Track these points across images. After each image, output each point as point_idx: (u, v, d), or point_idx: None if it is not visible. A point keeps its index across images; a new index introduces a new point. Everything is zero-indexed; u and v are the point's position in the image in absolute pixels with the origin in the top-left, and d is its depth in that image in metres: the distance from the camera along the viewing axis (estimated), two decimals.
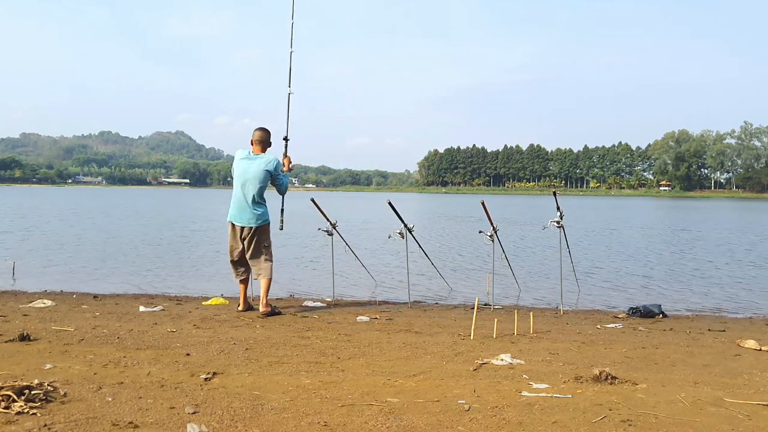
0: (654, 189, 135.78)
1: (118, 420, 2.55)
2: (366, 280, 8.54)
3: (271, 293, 7.33)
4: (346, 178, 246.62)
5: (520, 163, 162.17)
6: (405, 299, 6.97)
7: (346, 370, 3.57)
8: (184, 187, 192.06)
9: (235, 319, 5.28)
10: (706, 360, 4.20)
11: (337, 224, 6.67)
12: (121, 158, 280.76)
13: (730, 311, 7.23)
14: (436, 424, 2.65)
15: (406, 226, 6.82)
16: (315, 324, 5.17)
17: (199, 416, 2.65)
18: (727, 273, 10.67)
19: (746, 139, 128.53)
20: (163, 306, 5.92)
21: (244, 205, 5.42)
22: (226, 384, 3.16)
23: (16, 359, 3.52)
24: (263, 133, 5.54)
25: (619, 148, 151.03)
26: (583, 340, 4.80)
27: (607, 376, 3.42)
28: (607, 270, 10.75)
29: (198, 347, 4.04)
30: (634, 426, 2.68)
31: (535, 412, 2.83)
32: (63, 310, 5.58)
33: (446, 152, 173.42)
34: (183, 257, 11.54)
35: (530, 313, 5.63)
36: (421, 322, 5.48)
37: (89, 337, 4.24)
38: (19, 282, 8.00)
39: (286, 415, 2.69)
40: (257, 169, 5.39)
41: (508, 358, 3.92)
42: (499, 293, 7.72)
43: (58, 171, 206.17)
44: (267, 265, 5.47)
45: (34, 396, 2.70)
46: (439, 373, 3.53)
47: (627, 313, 6.47)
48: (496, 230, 6.96)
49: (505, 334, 4.88)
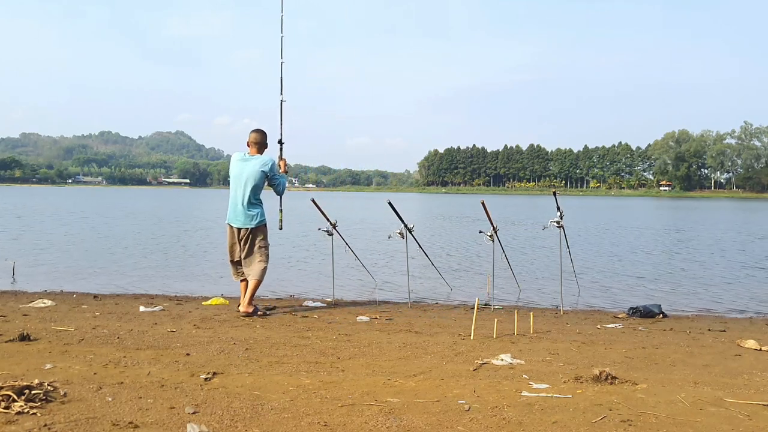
0: (654, 189, 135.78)
1: (118, 420, 2.55)
2: (366, 280, 8.54)
3: (271, 293, 7.32)
4: (346, 178, 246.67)
5: (520, 163, 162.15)
6: (405, 299, 6.97)
7: (346, 370, 3.57)
8: (184, 187, 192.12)
9: (235, 319, 5.28)
10: (706, 360, 4.20)
11: (337, 224, 6.67)
12: (121, 158, 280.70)
13: (730, 311, 7.23)
14: (436, 424, 2.65)
15: (406, 226, 6.82)
16: (315, 324, 5.16)
17: (199, 416, 2.65)
18: (727, 273, 10.66)
19: (746, 139, 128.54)
20: (163, 306, 5.92)
21: (240, 206, 5.42)
22: (226, 384, 3.16)
23: (16, 359, 3.52)
24: (258, 134, 5.55)
25: (619, 148, 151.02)
26: (583, 340, 4.80)
27: (607, 376, 3.42)
28: (607, 270, 10.75)
29: (198, 347, 4.04)
30: (634, 426, 2.68)
31: (535, 412, 2.83)
32: (63, 310, 5.57)
33: (446, 152, 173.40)
34: (183, 257, 11.54)
35: (530, 313, 5.63)
36: (421, 322, 5.48)
37: (89, 337, 4.24)
38: (19, 282, 8.00)
39: (286, 415, 2.69)
40: (253, 169, 5.40)
41: (508, 358, 3.92)
42: (499, 293, 7.72)
43: (58, 171, 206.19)
44: (259, 267, 5.44)
45: (34, 396, 2.70)
46: (439, 373, 3.53)
47: (627, 313, 6.47)
48: (496, 230, 6.96)
49: (505, 334, 4.88)
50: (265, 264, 5.51)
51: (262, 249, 5.49)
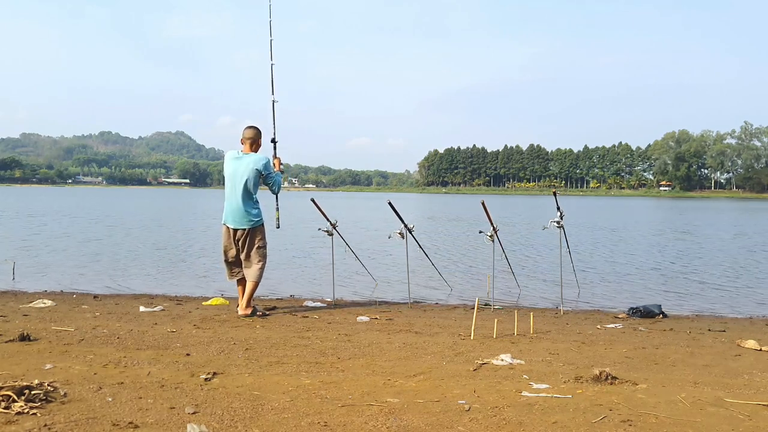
0: (654, 189, 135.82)
1: (118, 420, 2.54)
2: (366, 280, 8.53)
3: (271, 293, 7.32)
4: (347, 178, 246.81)
5: (520, 164, 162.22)
6: (405, 299, 6.97)
7: (346, 370, 3.57)
8: (184, 188, 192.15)
9: (235, 319, 5.27)
10: (706, 360, 4.20)
11: (337, 224, 6.67)
12: (121, 158, 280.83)
13: (730, 311, 7.23)
14: (436, 424, 2.65)
15: (406, 226, 6.82)
16: (315, 324, 5.16)
17: (199, 416, 2.65)
18: (727, 273, 10.66)
19: (746, 139, 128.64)
20: (163, 306, 5.92)
21: (236, 206, 5.38)
22: (226, 384, 3.15)
23: (16, 359, 3.52)
24: (252, 130, 5.47)
25: (619, 148, 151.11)
26: (583, 341, 4.79)
27: (607, 376, 3.42)
28: (607, 270, 10.75)
29: (198, 347, 4.03)
30: (634, 426, 2.68)
31: (535, 413, 2.83)
32: (63, 310, 5.57)
33: (446, 152, 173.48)
34: (183, 257, 11.54)
35: (530, 313, 5.62)
36: (421, 322, 5.48)
37: (89, 337, 4.24)
38: (19, 282, 8.00)
39: (286, 415, 2.69)
40: (246, 168, 5.35)
41: (508, 358, 3.92)
42: (499, 293, 7.72)
43: (58, 171, 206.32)
44: (257, 268, 5.43)
45: (34, 396, 2.70)
46: (439, 374, 3.53)
47: (627, 314, 6.47)
48: (496, 230, 6.96)
49: (505, 335, 4.88)
50: (264, 265, 5.50)
51: (260, 249, 5.46)
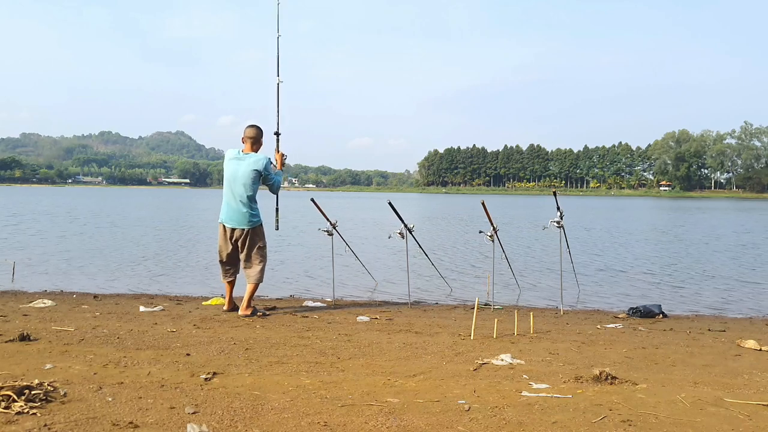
0: (654, 189, 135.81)
1: (118, 420, 2.54)
2: (366, 280, 8.53)
3: (271, 293, 7.32)
4: (347, 178, 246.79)
5: (520, 163, 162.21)
6: (405, 299, 6.97)
7: (346, 370, 3.57)
8: (184, 187, 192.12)
9: (235, 319, 5.27)
10: (706, 360, 4.20)
11: (337, 224, 6.67)
12: (121, 158, 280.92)
13: (730, 311, 7.23)
14: (436, 424, 2.65)
15: (406, 226, 6.82)
16: (315, 324, 5.16)
17: (199, 416, 2.65)
18: (727, 273, 10.66)
19: (746, 139, 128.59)
20: (163, 306, 5.92)
21: (234, 206, 5.37)
22: (226, 384, 3.15)
23: (16, 359, 3.52)
24: (253, 129, 5.46)
25: (619, 148, 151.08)
26: (583, 340, 4.79)
27: (607, 376, 3.42)
28: (607, 270, 10.75)
29: (198, 347, 4.03)
30: (634, 426, 2.68)
31: (535, 412, 2.83)
32: (63, 310, 5.57)
33: (446, 152, 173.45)
34: (183, 257, 11.54)
35: (530, 313, 5.62)
36: (421, 322, 5.48)
37: (89, 337, 4.24)
38: (19, 282, 8.00)
39: (286, 415, 2.69)
40: (246, 169, 5.33)
41: (508, 358, 3.92)
42: (499, 293, 7.72)
43: (58, 171, 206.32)
44: (258, 269, 5.42)
45: (34, 396, 2.70)
46: (439, 374, 3.53)
47: (627, 313, 6.47)
48: (496, 230, 6.96)
49: (505, 334, 4.88)
50: (264, 265, 5.50)
51: (261, 250, 5.46)
